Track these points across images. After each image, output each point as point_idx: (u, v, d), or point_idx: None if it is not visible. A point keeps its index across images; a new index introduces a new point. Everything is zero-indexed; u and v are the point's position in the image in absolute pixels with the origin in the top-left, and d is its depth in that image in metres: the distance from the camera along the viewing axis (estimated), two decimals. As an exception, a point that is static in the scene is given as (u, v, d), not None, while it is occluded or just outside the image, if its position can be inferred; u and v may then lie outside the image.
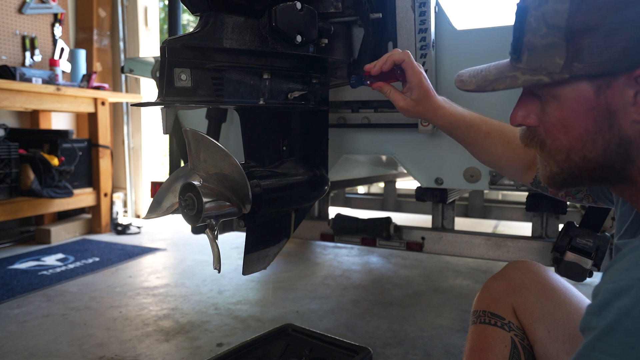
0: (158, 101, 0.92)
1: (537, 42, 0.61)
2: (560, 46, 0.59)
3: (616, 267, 0.56)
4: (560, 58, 0.60)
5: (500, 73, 0.67)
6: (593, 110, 0.60)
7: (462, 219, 3.05)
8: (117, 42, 4.19)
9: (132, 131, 4.33)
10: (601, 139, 0.61)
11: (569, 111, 0.62)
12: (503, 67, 0.68)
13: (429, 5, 1.31)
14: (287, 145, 1.12)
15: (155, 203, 1.06)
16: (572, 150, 0.63)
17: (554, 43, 0.60)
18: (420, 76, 0.94)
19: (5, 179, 2.89)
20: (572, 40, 0.58)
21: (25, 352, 1.70)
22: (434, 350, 1.70)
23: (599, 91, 0.59)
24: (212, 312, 2.06)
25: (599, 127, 0.60)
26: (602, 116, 0.60)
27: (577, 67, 0.59)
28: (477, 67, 0.74)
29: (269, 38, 0.99)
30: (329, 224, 2.01)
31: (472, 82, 0.72)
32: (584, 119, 0.61)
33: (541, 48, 0.61)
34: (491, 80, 0.68)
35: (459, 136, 1.00)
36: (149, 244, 3.29)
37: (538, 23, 0.61)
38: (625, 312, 0.51)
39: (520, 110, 0.68)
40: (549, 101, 0.64)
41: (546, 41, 0.60)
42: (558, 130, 0.64)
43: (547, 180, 0.69)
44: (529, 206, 1.62)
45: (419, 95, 0.95)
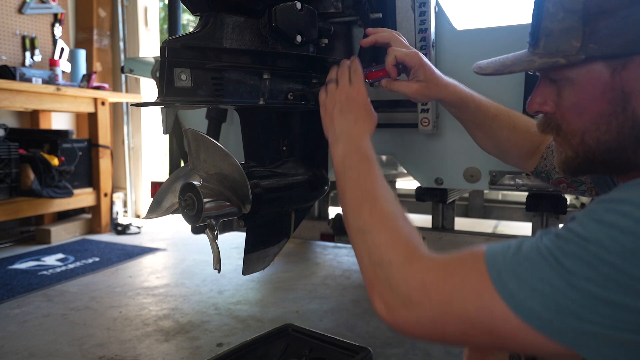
0: (158, 101, 0.92)
1: (554, 26, 0.63)
2: (576, 29, 0.60)
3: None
4: (576, 41, 0.60)
5: (518, 58, 0.69)
6: (608, 91, 0.61)
7: (462, 219, 3.05)
8: (117, 42, 4.19)
9: (132, 131, 4.32)
10: (615, 121, 0.61)
11: (584, 94, 0.62)
12: (520, 54, 0.69)
13: (429, 5, 1.31)
14: (287, 145, 1.12)
15: (155, 203, 1.06)
16: (586, 133, 0.64)
17: (571, 26, 0.61)
18: (418, 56, 0.91)
19: (5, 179, 2.89)
20: (589, 22, 0.59)
21: (25, 352, 1.70)
22: (434, 350, 1.70)
23: (614, 73, 0.60)
24: (212, 312, 2.06)
25: (614, 109, 0.61)
26: (617, 98, 0.60)
27: (592, 48, 0.60)
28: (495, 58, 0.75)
29: (269, 38, 0.99)
30: (329, 224, 2.01)
31: (490, 67, 0.73)
32: (599, 101, 0.61)
33: (558, 32, 0.62)
34: (508, 65, 0.70)
35: (469, 116, 0.97)
36: (149, 244, 3.28)
37: (555, 8, 0.62)
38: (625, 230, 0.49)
39: (537, 97, 0.69)
40: (565, 85, 0.64)
41: (563, 25, 0.62)
42: (573, 114, 0.64)
43: (562, 166, 0.69)
44: (529, 206, 1.62)
45: (425, 74, 0.91)
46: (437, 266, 0.58)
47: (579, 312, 0.49)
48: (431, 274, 0.58)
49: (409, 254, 0.61)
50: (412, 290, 0.57)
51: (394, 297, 0.58)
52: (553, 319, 0.50)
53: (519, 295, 0.51)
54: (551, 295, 0.50)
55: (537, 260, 0.52)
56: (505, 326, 0.52)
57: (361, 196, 0.73)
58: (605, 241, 0.49)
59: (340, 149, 0.81)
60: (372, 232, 0.67)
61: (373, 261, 0.64)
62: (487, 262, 0.55)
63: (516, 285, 0.52)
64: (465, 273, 0.55)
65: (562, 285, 0.49)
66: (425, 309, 0.56)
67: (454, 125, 1.46)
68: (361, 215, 0.70)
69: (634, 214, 0.49)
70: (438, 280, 0.57)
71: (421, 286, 0.57)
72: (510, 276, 0.52)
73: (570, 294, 0.49)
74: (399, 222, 0.67)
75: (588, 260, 0.49)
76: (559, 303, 0.49)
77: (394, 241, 0.64)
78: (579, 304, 0.49)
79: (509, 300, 0.52)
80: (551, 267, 0.51)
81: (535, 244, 0.54)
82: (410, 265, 0.60)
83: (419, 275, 0.58)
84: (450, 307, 0.55)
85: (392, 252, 0.62)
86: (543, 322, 0.50)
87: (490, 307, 0.52)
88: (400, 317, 0.58)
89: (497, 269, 0.53)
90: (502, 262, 0.54)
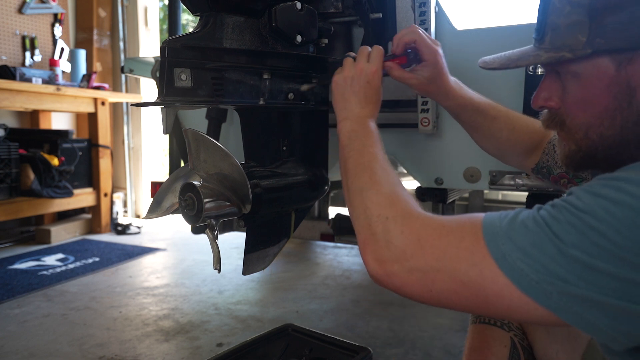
0: (158, 101, 0.92)
1: (561, 21, 0.63)
2: (583, 23, 0.60)
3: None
4: (582, 35, 0.60)
5: (524, 53, 0.69)
6: (613, 86, 0.61)
7: (462, 219, 3.05)
8: (117, 42, 4.19)
9: (132, 131, 4.32)
10: (619, 116, 0.61)
11: (589, 88, 0.63)
12: (526, 50, 0.69)
13: (429, 5, 1.31)
14: (287, 145, 1.12)
15: (155, 203, 1.06)
16: (590, 127, 0.64)
17: (577, 21, 0.61)
18: (437, 55, 0.92)
19: (5, 179, 2.89)
20: (595, 17, 0.59)
21: (25, 352, 1.71)
22: (434, 350, 1.70)
23: (620, 67, 0.60)
24: (212, 312, 2.06)
25: (619, 103, 0.61)
26: (622, 92, 0.60)
27: (599, 43, 0.60)
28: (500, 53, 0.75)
29: (269, 38, 0.99)
30: (329, 224, 2.01)
31: (496, 62, 0.73)
32: (604, 95, 0.62)
33: (564, 27, 0.62)
34: (514, 60, 0.70)
35: (466, 119, 0.99)
36: (149, 244, 3.29)
37: (562, 3, 0.62)
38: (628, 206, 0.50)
39: (542, 92, 0.69)
40: (570, 79, 0.65)
41: (569, 20, 0.62)
42: (578, 108, 0.65)
43: (565, 160, 0.70)
44: (529, 206, 1.61)
45: (433, 73, 0.92)
46: (434, 224, 0.60)
47: (566, 276, 0.50)
48: (428, 230, 0.60)
49: (407, 210, 0.64)
50: (407, 243, 0.59)
51: (389, 250, 0.60)
52: (540, 281, 0.51)
53: (509, 256, 0.53)
54: (541, 259, 0.52)
55: (532, 227, 0.54)
56: (494, 286, 0.54)
57: (363, 163, 0.75)
58: (598, 212, 0.51)
59: (349, 125, 0.85)
60: (371, 190, 0.69)
61: (370, 216, 0.65)
62: (484, 225, 0.57)
63: (508, 248, 0.54)
64: (462, 233, 0.57)
65: (552, 251, 0.51)
66: (417, 262, 0.58)
67: (454, 125, 1.45)
68: (362, 177, 0.72)
69: (629, 189, 0.51)
70: (434, 236, 0.58)
71: (416, 240, 0.59)
72: (504, 239, 0.54)
73: (559, 259, 0.51)
74: (398, 187, 0.70)
75: (580, 228, 0.51)
76: (548, 267, 0.51)
77: (392, 199, 0.66)
78: (566, 269, 0.51)
79: (499, 261, 0.53)
80: (544, 234, 0.52)
81: (532, 213, 0.56)
82: (407, 220, 0.62)
83: (415, 229, 0.60)
84: (442, 263, 0.56)
85: (390, 208, 0.64)
86: (530, 283, 0.52)
87: (481, 266, 0.54)
88: (393, 270, 0.59)
89: (493, 232, 0.56)
90: (497, 226, 0.56)
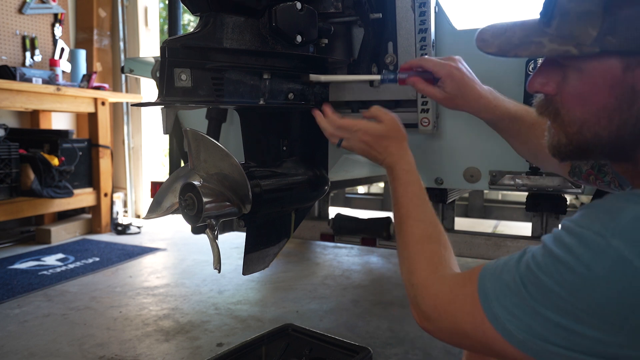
0: (158, 101, 0.92)
1: (572, 7, 0.57)
2: (596, 15, 0.55)
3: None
4: (593, 29, 0.55)
5: (526, 36, 0.62)
6: (617, 86, 0.57)
7: (462, 219, 3.05)
8: (117, 42, 4.19)
9: (132, 131, 4.32)
10: (618, 117, 0.58)
11: (591, 85, 0.59)
12: (529, 29, 0.63)
13: (429, 5, 1.31)
14: (287, 145, 1.12)
15: (155, 203, 1.06)
16: (585, 124, 0.61)
17: (589, 10, 0.55)
18: (450, 68, 0.91)
19: (5, 179, 2.89)
20: (610, 8, 0.54)
21: (25, 352, 1.71)
22: (434, 350, 1.70)
23: (627, 69, 0.56)
24: (212, 312, 2.06)
25: (619, 104, 0.57)
26: (626, 94, 0.57)
27: (609, 41, 0.55)
28: (502, 24, 0.68)
29: (269, 38, 0.99)
30: (329, 224, 2.01)
31: (495, 43, 0.66)
32: (606, 94, 0.58)
33: (575, 15, 0.57)
34: (515, 44, 0.63)
35: (503, 128, 0.99)
36: (149, 244, 3.29)
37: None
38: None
39: (539, 77, 0.65)
40: (572, 71, 0.61)
41: (582, 8, 0.56)
42: (575, 102, 0.61)
43: (552, 150, 0.67)
44: (529, 206, 1.62)
45: (452, 88, 0.92)
46: (445, 290, 0.69)
47: (544, 335, 0.55)
48: (440, 297, 0.69)
49: (424, 277, 0.74)
50: (428, 309, 0.70)
51: (419, 311, 0.72)
52: (526, 340, 0.57)
53: (500, 318, 0.59)
54: (523, 319, 0.57)
55: (513, 287, 0.59)
56: (495, 343, 0.60)
57: (400, 217, 0.86)
58: (554, 274, 0.55)
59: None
60: (403, 255, 0.81)
61: (406, 279, 0.78)
62: (479, 286, 0.63)
63: (498, 310, 0.60)
64: (464, 297, 0.65)
65: (529, 311, 0.56)
66: (440, 325, 0.68)
67: (454, 125, 1.46)
68: (406, 228, 0.84)
69: (576, 250, 0.54)
70: (445, 302, 0.68)
71: (434, 308, 0.69)
72: (494, 301, 0.61)
73: (536, 318, 0.56)
74: (432, 245, 0.79)
75: (544, 290, 0.55)
76: (529, 326, 0.57)
77: (415, 264, 0.77)
78: (543, 328, 0.55)
79: (494, 323, 0.60)
80: (522, 294, 0.57)
81: (515, 267, 0.60)
82: (426, 290, 0.72)
83: (432, 298, 0.70)
84: (455, 326, 0.66)
85: (413, 275, 0.75)
86: (519, 342, 0.58)
87: (482, 328, 0.61)
88: (425, 326, 0.72)
89: (485, 294, 0.62)
90: (489, 287, 0.62)
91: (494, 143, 1.07)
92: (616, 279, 0.50)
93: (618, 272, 0.50)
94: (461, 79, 0.92)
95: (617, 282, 0.50)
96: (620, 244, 0.51)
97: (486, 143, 1.41)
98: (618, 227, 0.52)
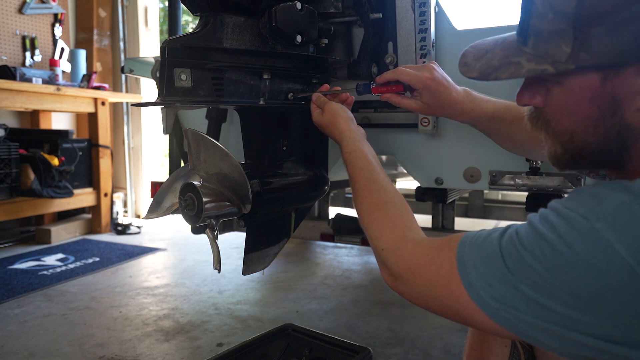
0: (158, 101, 0.92)
1: (544, 27, 0.59)
2: (567, 34, 0.57)
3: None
4: (566, 46, 0.57)
5: (505, 57, 0.65)
6: (597, 97, 0.59)
7: (462, 219, 3.05)
8: (117, 42, 4.19)
9: (132, 131, 4.32)
10: (602, 125, 0.60)
11: (572, 97, 0.61)
12: (509, 49, 0.65)
13: (429, 5, 1.31)
14: (287, 145, 1.12)
15: (155, 203, 1.06)
16: (574, 134, 0.63)
17: (561, 30, 0.58)
18: (425, 79, 0.95)
19: (5, 179, 2.89)
20: (580, 28, 0.56)
21: (25, 352, 1.71)
22: (434, 350, 1.70)
23: (605, 80, 0.58)
24: (212, 312, 2.06)
25: (602, 114, 0.60)
26: (606, 103, 0.59)
27: (583, 57, 0.57)
28: (484, 44, 0.71)
29: (269, 38, 0.99)
30: (329, 224, 2.01)
31: (476, 67, 0.69)
32: (587, 105, 0.60)
33: (547, 34, 0.59)
34: (495, 67, 0.66)
35: (483, 128, 1.02)
36: (149, 244, 3.29)
37: (544, 8, 0.59)
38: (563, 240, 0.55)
39: (526, 91, 0.68)
40: (553, 85, 0.63)
41: (552, 27, 0.58)
42: (562, 113, 0.63)
43: (551, 160, 0.69)
44: (529, 206, 1.62)
45: (429, 97, 0.97)
46: (420, 252, 0.70)
47: (517, 306, 0.57)
48: (415, 259, 0.70)
49: (396, 240, 0.75)
50: (401, 271, 0.71)
51: (391, 272, 0.73)
52: (499, 309, 0.59)
53: (476, 285, 0.61)
54: (498, 289, 0.59)
55: (493, 257, 0.60)
56: (467, 309, 0.62)
57: (358, 188, 0.89)
58: (535, 250, 0.56)
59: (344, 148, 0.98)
60: (365, 224, 0.82)
61: (373, 246, 0.79)
62: (458, 252, 0.64)
63: (474, 277, 0.61)
64: (441, 261, 0.66)
65: (505, 283, 0.58)
66: (412, 287, 0.70)
67: (454, 125, 1.46)
68: (361, 199, 0.86)
69: (560, 229, 0.55)
70: (420, 266, 0.69)
71: (408, 269, 0.70)
72: (472, 268, 0.62)
73: (511, 290, 0.58)
74: (390, 210, 0.81)
75: (523, 265, 0.57)
76: (504, 296, 0.58)
77: (384, 229, 0.78)
78: (517, 300, 0.57)
79: (468, 289, 0.62)
80: (500, 266, 0.59)
81: (498, 239, 0.61)
82: (398, 251, 0.73)
83: (405, 261, 0.71)
84: (429, 289, 0.67)
85: (381, 240, 0.77)
86: (492, 310, 0.60)
87: (456, 293, 0.63)
88: (397, 287, 0.73)
89: (463, 260, 0.63)
90: (468, 254, 0.63)
91: (494, 143, 1.07)
92: (595, 260, 0.52)
93: (598, 253, 0.52)
94: (436, 89, 0.96)
95: (596, 263, 0.52)
96: (603, 228, 0.52)
97: (486, 143, 1.40)
98: (603, 212, 0.53)
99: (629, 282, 0.50)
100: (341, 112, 1.01)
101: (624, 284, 0.51)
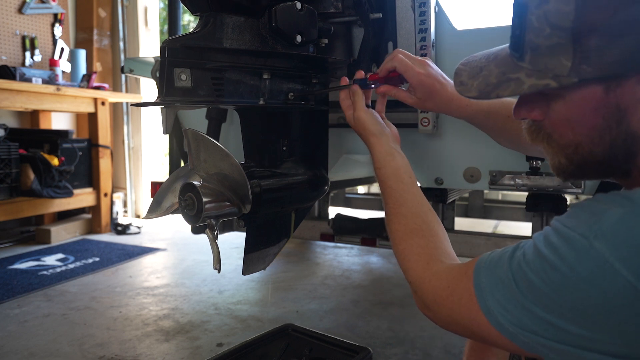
0: (158, 101, 0.92)
1: (541, 42, 0.59)
2: (566, 47, 0.57)
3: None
4: (566, 59, 0.57)
5: (502, 74, 0.64)
6: (602, 108, 0.59)
7: (462, 219, 3.05)
8: (117, 42, 4.20)
9: (132, 131, 4.33)
10: (608, 135, 0.60)
11: (576, 109, 0.60)
12: (504, 65, 0.65)
13: (429, 5, 1.31)
14: (287, 145, 1.12)
15: (155, 203, 1.06)
16: (579, 145, 0.62)
17: (559, 44, 0.57)
18: (419, 76, 0.94)
19: (5, 179, 2.89)
20: (579, 40, 0.56)
21: (25, 352, 1.71)
22: (434, 350, 1.70)
23: (608, 90, 0.58)
24: (212, 312, 2.06)
25: (608, 124, 0.59)
26: (611, 113, 0.59)
27: (585, 70, 0.56)
28: (476, 61, 0.70)
29: (269, 38, 0.99)
30: (329, 224, 2.01)
31: (474, 86, 0.68)
32: (592, 116, 0.60)
33: (545, 49, 0.58)
34: (494, 85, 0.65)
35: (478, 124, 1.01)
36: (149, 244, 3.29)
37: (540, 23, 0.58)
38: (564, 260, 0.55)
39: (524, 105, 0.66)
40: (555, 99, 0.62)
41: (550, 42, 0.58)
42: (565, 127, 0.62)
43: (555, 171, 0.68)
44: (529, 206, 1.62)
45: (424, 93, 0.96)
46: (442, 285, 0.71)
47: (533, 329, 0.58)
48: (438, 292, 0.71)
49: (421, 275, 0.76)
50: (428, 302, 0.73)
51: (420, 302, 0.75)
52: (517, 333, 0.59)
53: (494, 312, 0.62)
54: (515, 314, 0.59)
55: (506, 282, 0.61)
56: (490, 334, 0.63)
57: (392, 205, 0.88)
58: (541, 273, 0.57)
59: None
60: (395, 253, 0.83)
61: (405, 275, 0.80)
62: (474, 280, 0.65)
63: (492, 304, 0.62)
64: (461, 292, 0.67)
65: (520, 307, 0.59)
66: (439, 316, 0.72)
67: (454, 125, 1.46)
68: (391, 226, 0.86)
69: (561, 250, 0.56)
70: (443, 298, 0.70)
71: (433, 301, 0.72)
72: (489, 295, 0.63)
73: (526, 314, 0.58)
74: (415, 240, 0.80)
75: (532, 287, 0.57)
76: (520, 321, 0.59)
77: (413, 262, 0.78)
78: (533, 323, 0.58)
79: (488, 317, 0.62)
80: (513, 290, 0.60)
81: (508, 263, 0.62)
82: (423, 286, 0.75)
83: (430, 294, 0.73)
84: (453, 318, 0.69)
85: (409, 274, 0.78)
86: (512, 334, 0.60)
87: (478, 321, 0.64)
88: (426, 314, 0.75)
89: (480, 288, 0.64)
90: (484, 281, 0.64)
91: (494, 143, 1.07)
92: (598, 280, 0.52)
93: (599, 274, 0.52)
94: (431, 85, 0.95)
95: (599, 283, 0.52)
96: (602, 246, 0.52)
97: (486, 143, 1.41)
98: (601, 230, 0.53)
99: (634, 300, 0.50)
100: (369, 125, 0.95)
101: (629, 303, 0.51)
